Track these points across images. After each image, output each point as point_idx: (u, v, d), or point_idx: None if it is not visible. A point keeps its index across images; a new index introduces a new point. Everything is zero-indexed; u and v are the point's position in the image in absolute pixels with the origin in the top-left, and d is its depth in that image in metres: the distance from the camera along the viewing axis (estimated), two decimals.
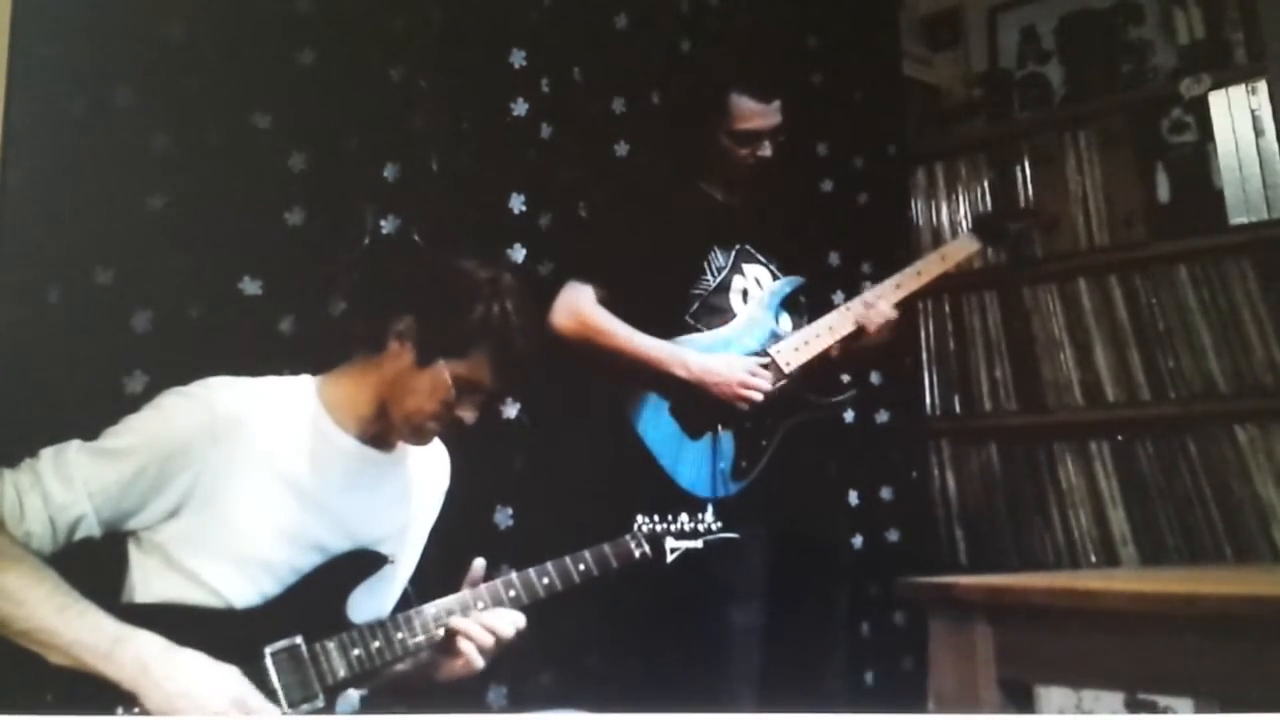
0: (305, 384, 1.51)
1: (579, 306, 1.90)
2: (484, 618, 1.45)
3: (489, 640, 1.44)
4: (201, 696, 1.30)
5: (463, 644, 1.44)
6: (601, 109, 2.22)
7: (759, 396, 1.89)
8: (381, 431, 1.51)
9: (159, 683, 1.28)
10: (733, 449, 1.90)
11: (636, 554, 1.58)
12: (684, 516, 1.63)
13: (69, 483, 1.35)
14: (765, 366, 1.92)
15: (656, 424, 1.89)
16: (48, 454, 1.37)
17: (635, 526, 1.59)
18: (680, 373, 1.89)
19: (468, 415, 1.48)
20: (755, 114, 1.97)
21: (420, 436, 1.52)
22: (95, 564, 1.37)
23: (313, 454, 1.45)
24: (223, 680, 1.32)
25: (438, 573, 1.59)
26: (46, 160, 1.68)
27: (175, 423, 1.40)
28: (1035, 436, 2.51)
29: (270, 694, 1.36)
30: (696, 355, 1.91)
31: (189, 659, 1.31)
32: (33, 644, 1.29)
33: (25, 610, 1.28)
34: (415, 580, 1.57)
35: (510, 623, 1.46)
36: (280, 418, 1.45)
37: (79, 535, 1.36)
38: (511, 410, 1.92)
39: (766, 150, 1.98)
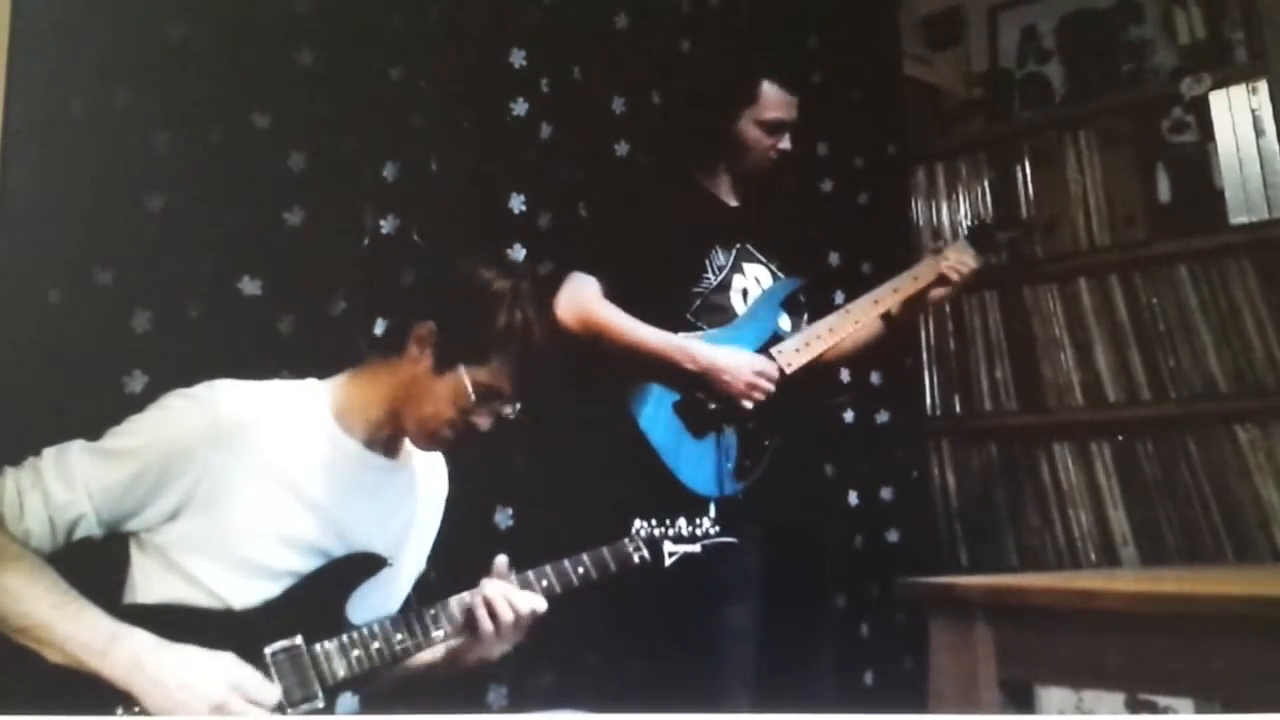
0: (312, 388, 1.50)
1: (585, 301, 1.89)
2: (508, 591, 1.44)
3: (509, 615, 1.43)
4: (199, 687, 1.29)
5: (482, 617, 1.43)
6: (601, 109, 2.22)
7: (762, 396, 1.89)
8: (389, 437, 1.50)
9: (155, 679, 1.28)
10: (736, 447, 1.90)
11: (635, 558, 1.58)
12: (682, 521, 1.62)
13: (70, 482, 1.34)
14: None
15: (659, 421, 1.89)
16: (50, 453, 1.37)
17: (634, 531, 1.59)
18: (689, 366, 1.88)
19: (483, 422, 1.47)
20: (782, 104, 1.98)
21: (433, 442, 1.50)
22: (98, 564, 1.37)
23: (317, 458, 1.45)
24: (218, 668, 1.32)
25: (439, 573, 1.59)
26: (46, 160, 1.68)
27: (178, 425, 1.39)
28: (1035, 436, 2.52)
29: None
30: (705, 348, 1.90)
31: (183, 654, 1.31)
32: (30, 640, 1.28)
33: (23, 607, 1.28)
34: (415, 583, 1.57)
35: (529, 603, 1.45)
36: (285, 422, 1.44)
37: (78, 535, 1.35)
38: (510, 409, 1.92)
39: (787, 143, 1.99)
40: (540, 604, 1.46)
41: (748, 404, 1.88)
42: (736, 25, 2.40)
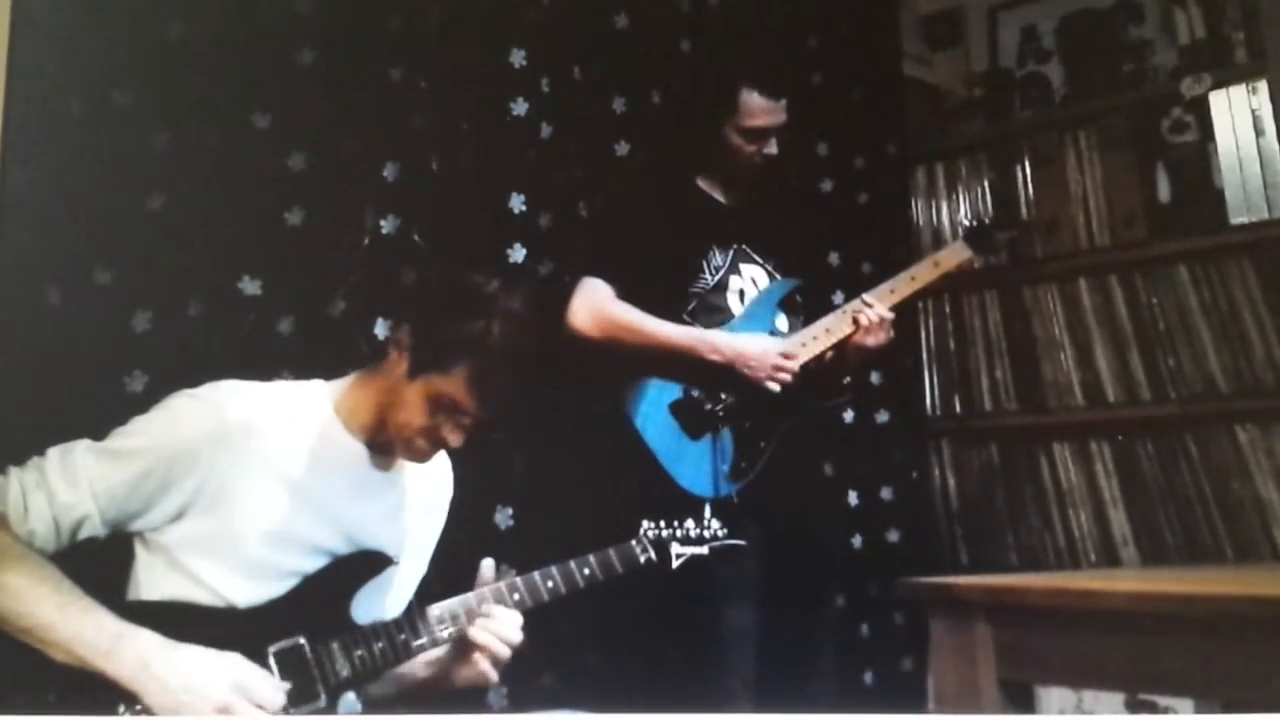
0: (317, 389, 1.50)
1: (601, 304, 1.88)
2: (494, 626, 1.43)
3: (505, 651, 1.43)
4: (204, 688, 1.29)
5: (478, 657, 1.43)
6: (601, 109, 2.22)
7: (788, 379, 1.88)
8: (386, 441, 1.49)
9: (161, 679, 1.28)
10: (732, 449, 1.90)
11: (641, 559, 1.57)
12: (690, 522, 1.62)
13: (74, 482, 1.34)
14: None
15: (655, 422, 1.89)
16: (55, 453, 1.37)
17: (641, 531, 1.58)
18: (714, 357, 1.87)
19: (452, 438, 1.43)
20: (764, 111, 1.97)
21: (413, 453, 1.47)
22: (102, 562, 1.37)
23: (322, 459, 1.44)
24: (224, 669, 1.32)
25: (439, 573, 1.59)
26: (46, 160, 1.68)
27: (183, 426, 1.39)
28: (1035, 436, 2.51)
29: None
30: (726, 337, 1.90)
31: (189, 654, 1.31)
32: (34, 641, 1.28)
33: (27, 607, 1.28)
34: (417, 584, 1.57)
35: (514, 625, 1.45)
36: (290, 423, 1.44)
37: (83, 535, 1.35)
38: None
39: (773, 148, 1.99)
40: (518, 619, 1.45)
41: (774, 387, 1.88)
42: (735, 22, 2.40)
